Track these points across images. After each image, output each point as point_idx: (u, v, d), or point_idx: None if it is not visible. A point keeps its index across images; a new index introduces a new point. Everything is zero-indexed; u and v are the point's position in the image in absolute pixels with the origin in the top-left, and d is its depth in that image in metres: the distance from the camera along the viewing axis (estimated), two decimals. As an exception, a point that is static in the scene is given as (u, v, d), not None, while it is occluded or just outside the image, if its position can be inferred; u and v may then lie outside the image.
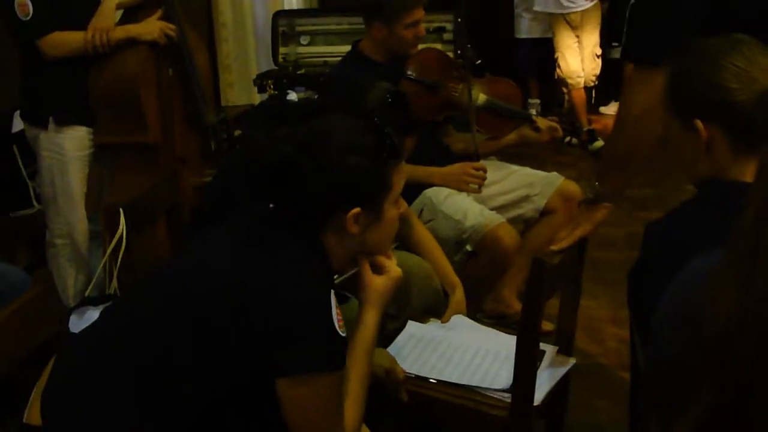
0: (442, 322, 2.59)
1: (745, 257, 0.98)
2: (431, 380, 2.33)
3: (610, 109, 7.24)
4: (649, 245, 1.74)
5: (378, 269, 1.91)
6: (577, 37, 6.61)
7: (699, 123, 1.60)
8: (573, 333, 2.58)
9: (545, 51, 7.01)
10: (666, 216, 1.76)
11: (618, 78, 6.59)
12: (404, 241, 2.71)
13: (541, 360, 2.37)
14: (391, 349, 2.38)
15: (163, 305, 1.73)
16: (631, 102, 2.17)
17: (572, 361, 2.50)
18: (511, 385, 2.20)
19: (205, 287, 1.69)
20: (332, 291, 1.68)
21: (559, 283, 2.38)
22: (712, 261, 1.08)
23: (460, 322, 2.61)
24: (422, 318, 2.61)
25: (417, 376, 2.32)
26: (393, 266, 1.92)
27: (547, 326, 2.84)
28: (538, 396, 2.23)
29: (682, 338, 1.16)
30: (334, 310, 1.65)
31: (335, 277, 1.90)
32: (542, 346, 2.43)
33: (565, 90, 6.95)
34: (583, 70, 6.66)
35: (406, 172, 1.87)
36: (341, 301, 1.79)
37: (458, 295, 2.66)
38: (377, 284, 1.89)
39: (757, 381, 0.95)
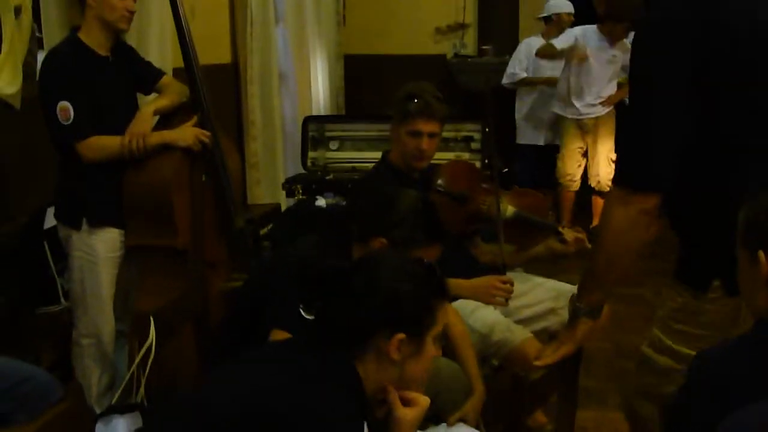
0: (448, 424, 2.54)
1: None
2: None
3: None
4: (690, 375, 1.73)
5: (407, 402, 1.90)
6: (586, 143, 6.71)
7: (762, 255, 1.61)
8: None
9: (548, 158, 7.09)
10: (713, 349, 1.76)
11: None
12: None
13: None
14: None
15: None
16: (610, 220, 2.21)
17: None
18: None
19: (243, 420, 1.68)
20: (365, 423, 1.69)
21: (545, 396, 2.39)
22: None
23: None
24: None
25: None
26: (422, 398, 1.92)
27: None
28: None
29: None
30: None
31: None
32: None
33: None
34: (599, 174, 6.73)
35: None
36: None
37: (475, 400, 2.63)
38: (409, 418, 1.89)
39: None
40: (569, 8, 6.86)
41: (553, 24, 6.85)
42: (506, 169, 4.01)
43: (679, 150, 2.11)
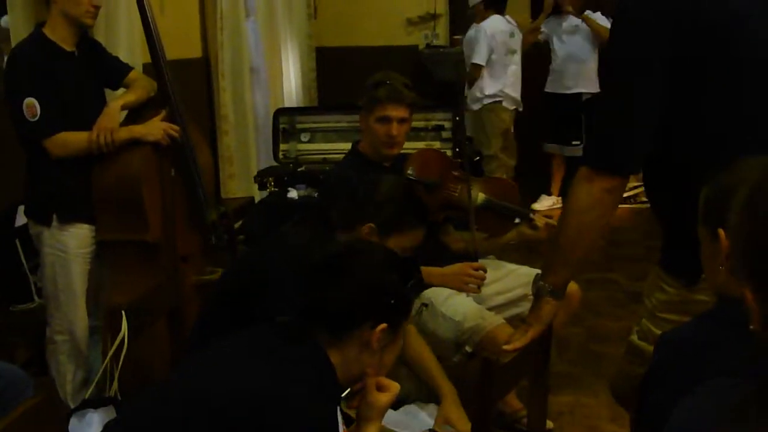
0: None
1: None
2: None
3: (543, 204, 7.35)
4: (658, 357, 1.75)
5: (381, 387, 1.94)
6: None
7: (721, 232, 1.62)
8: (542, 428, 2.60)
9: None
10: (679, 328, 1.78)
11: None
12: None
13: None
14: None
15: (173, 421, 1.74)
16: (574, 197, 2.23)
17: None
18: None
19: (217, 404, 1.70)
20: (339, 408, 1.71)
21: (515, 380, 2.42)
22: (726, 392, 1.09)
23: None
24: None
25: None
26: (394, 384, 1.96)
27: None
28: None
29: None
30: (341, 428, 1.67)
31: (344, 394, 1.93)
32: None
33: None
34: None
35: None
36: (347, 423, 1.82)
37: (445, 405, 2.64)
38: (382, 402, 1.93)
39: None
40: None
41: None
42: (477, 158, 4.03)
43: (646, 137, 2.13)
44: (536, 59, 7.31)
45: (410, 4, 8.07)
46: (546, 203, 7.31)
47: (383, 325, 1.83)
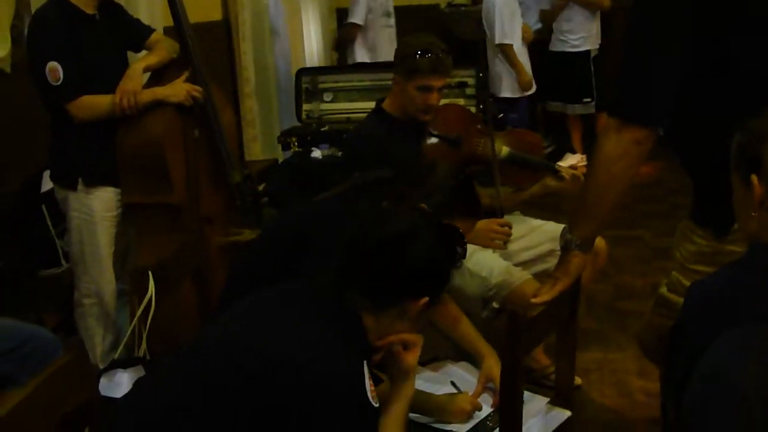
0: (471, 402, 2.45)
1: None
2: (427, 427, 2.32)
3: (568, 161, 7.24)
4: (688, 305, 1.74)
5: (408, 345, 1.96)
6: None
7: (755, 178, 1.60)
8: (571, 382, 2.58)
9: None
10: (709, 277, 1.77)
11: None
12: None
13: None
14: None
15: (206, 381, 1.75)
16: (602, 148, 2.22)
17: (567, 413, 2.47)
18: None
19: (246, 362, 1.71)
20: (366, 363, 1.70)
21: (543, 335, 2.41)
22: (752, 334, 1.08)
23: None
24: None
25: (413, 423, 2.29)
26: (418, 337, 1.97)
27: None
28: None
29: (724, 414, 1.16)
30: (368, 382, 1.68)
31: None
32: (536, 398, 2.46)
33: None
34: None
35: None
36: (376, 382, 1.82)
37: (487, 364, 2.58)
38: (411, 361, 1.95)
39: None
40: None
41: None
42: (501, 115, 4.00)
43: (674, 88, 2.11)
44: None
45: (432, -37, 8.00)
46: (571, 161, 7.24)
47: (425, 299, 1.85)
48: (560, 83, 7.13)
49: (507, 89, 6.41)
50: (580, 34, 6.98)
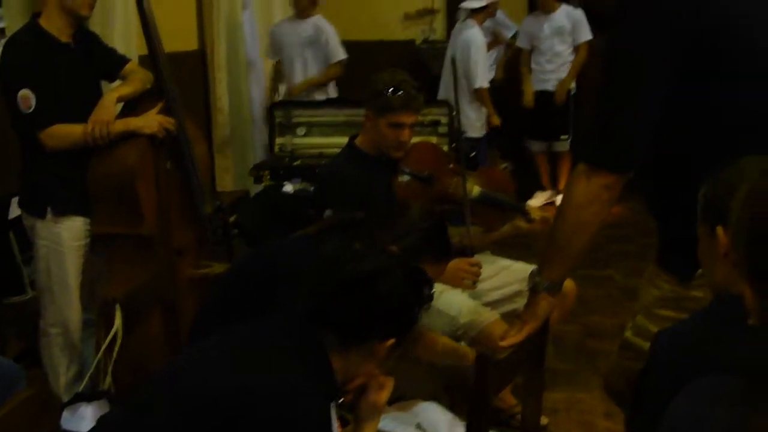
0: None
1: None
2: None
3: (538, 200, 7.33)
4: (656, 353, 1.74)
5: (380, 386, 1.99)
6: None
7: (720, 230, 1.62)
8: (538, 421, 2.60)
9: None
10: (676, 325, 1.78)
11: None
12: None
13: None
14: None
15: (169, 417, 1.73)
16: (572, 193, 2.22)
17: None
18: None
19: (212, 396, 1.71)
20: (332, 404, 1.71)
21: (511, 376, 2.41)
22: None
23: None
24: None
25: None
26: (389, 379, 1.99)
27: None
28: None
29: None
30: (334, 423, 1.68)
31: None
32: None
33: None
34: None
35: None
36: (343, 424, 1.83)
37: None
38: (381, 400, 1.98)
39: None
40: None
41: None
42: (473, 153, 4.02)
43: (647, 135, 2.12)
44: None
45: (408, -1, 8.07)
46: (541, 198, 7.31)
47: (392, 340, 1.87)
48: (541, 122, 7.20)
49: (475, 129, 6.49)
50: (557, 74, 7.07)
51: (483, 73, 6.41)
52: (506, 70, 7.46)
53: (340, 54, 6.04)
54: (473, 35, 6.40)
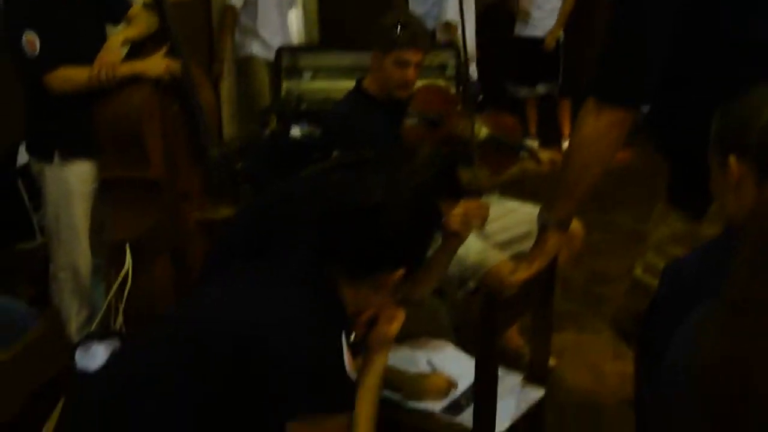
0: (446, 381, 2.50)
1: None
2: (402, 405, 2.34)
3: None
4: (662, 285, 1.75)
5: (389, 317, 1.98)
6: None
7: (732, 159, 1.61)
8: (546, 362, 2.61)
9: None
10: (683, 257, 1.78)
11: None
12: None
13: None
14: None
15: (181, 351, 1.75)
16: (581, 129, 2.22)
17: (541, 391, 2.50)
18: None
19: (223, 333, 1.72)
20: (344, 335, 1.71)
21: (519, 314, 2.42)
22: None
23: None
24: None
25: (388, 401, 2.31)
26: (400, 311, 1.99)
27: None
28: (501, 427, 2.25)
29: (679, 390, 1.17)
30: (345, 354, 1.68)
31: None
32: (510, 374, 2.50)
33: None
34: None
35: None
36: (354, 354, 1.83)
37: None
38: (392, 332, 1.97)
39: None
40: None
41: None
42: (481, 96, 4.00)
43: (657, 68, 2.11)
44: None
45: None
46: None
47: (401, 271, 1.85)
48: (528, 67, 7.14)
49: None
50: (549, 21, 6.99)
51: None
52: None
53: None
54: None
